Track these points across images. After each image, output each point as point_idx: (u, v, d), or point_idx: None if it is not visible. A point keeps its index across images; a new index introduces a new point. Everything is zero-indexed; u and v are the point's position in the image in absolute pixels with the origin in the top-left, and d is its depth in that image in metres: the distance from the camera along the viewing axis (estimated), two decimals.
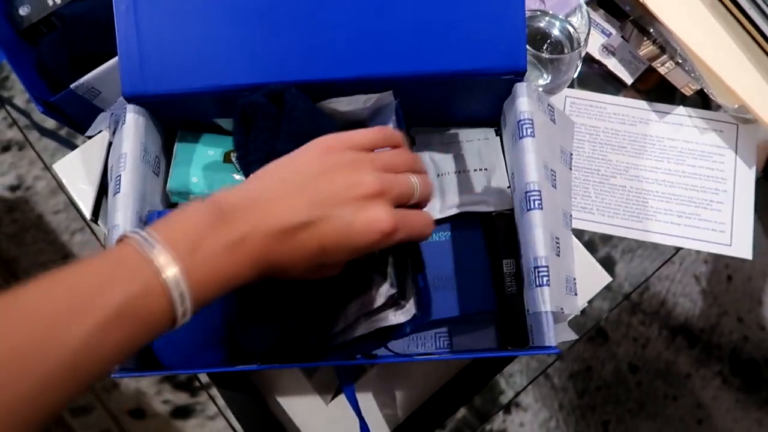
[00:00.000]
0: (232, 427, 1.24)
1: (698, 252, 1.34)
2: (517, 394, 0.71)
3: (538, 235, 0.43)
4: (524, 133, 0.45)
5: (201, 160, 0.53)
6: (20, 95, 1.35)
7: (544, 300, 0.42)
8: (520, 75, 0.46)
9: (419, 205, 0.38)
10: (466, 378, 0.53)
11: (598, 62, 0.67)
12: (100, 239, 0.61)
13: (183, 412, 1.23)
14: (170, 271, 0.29)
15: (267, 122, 0.43)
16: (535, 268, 0.43)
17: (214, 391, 1.28)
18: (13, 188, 1.37)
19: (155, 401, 1.24)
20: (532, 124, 0.45)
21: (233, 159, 0.53)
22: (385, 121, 0.48)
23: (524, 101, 0.46)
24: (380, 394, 0.52)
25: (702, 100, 0.65)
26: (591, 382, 1.28)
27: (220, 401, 1.26)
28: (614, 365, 1.29)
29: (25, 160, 1.39)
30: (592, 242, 0.62)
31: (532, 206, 0.44)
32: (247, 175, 0.44)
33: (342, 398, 0.52)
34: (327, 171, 0.34)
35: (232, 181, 0.52)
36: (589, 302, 1.33)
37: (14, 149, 1.39)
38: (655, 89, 0.66)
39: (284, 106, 0.43)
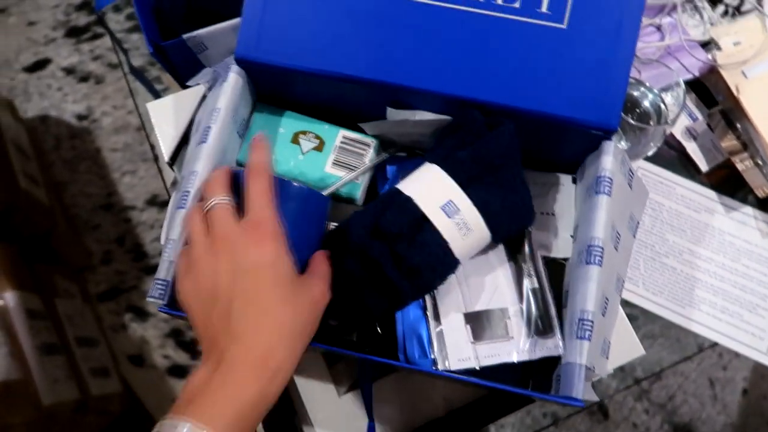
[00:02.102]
0: None
1: (720, 357, 1.32)
2: None
3: (591, 289, 0.44)
4: (601, 190, 0.46)
5: (272, 136, 0.54)
6: (127, 36, 1.39)
7: (582, 353, 0.43)
8: (609, 133, 0.47)
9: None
10: (478, 409, 0.53)
11: (678, 142, 0.68)
12: (166, 183, 0.63)
13: (179, 371, 1.25)
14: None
15: (467, 136, 0.46)
16: (580, 320, 0.44)
17: None
18: (81, 117, 1.42)
19: (156, 353, 1.27)
20: (611, 183, 0.46)
21: (300, 141, 0.54)
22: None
23: (609, 160, 0.46)
24: (391, 402, 0.53)
25: None
26: None
27: None
28: None
29: (99, 94, 1.44)
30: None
31: (591, 260, 0.45)
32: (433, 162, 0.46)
33: (354, 394, 0.53)
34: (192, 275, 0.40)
35: (296, 162, 0.53)
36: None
37: (91, 81, 1.45)
38: (727, 181, 0.66)
39: (492, 131, 0.46)
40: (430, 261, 0.43)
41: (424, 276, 0.43)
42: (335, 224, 0.48)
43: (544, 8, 0.46)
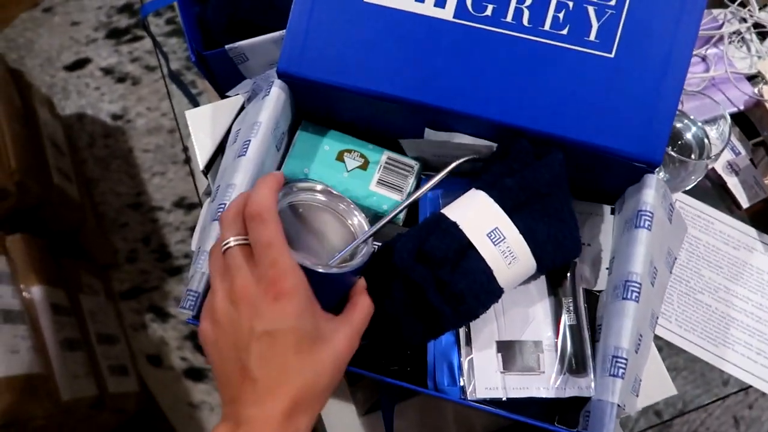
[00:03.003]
0: None
1: (746, 395, 1.28)
2: None
3: (626, 326, 0.43)
4: (641, 224, 0.45)
5: (316, 153, 0.54)
6: (166, 40, 1.42)
7: (614, 391, 0.42)
8: (652, 167, 0.46)
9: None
10: None
11: (719, 176, 0.66)
12: (199, 190, 0.64)
13: (196, 374, 1.25)
14: None
15: (515, 163, 0.46)
16: (614, 357, 0.43)
17: None
18: (116, 117, 1.45)
19: (174, 355, 1.27)
20: (652, 218, 0.45)
21: (345, 158, 0.54)
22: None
23: (650, 194, 0.45)
24: (412, 426, 0.52)
25: None
26: None
27: None
28: None
29: (134, 95, 1.47)
30: None
31: (628, 296, 0.43)
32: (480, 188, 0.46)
33: (375, 415, 0.53)
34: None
35: (340, 179, 0.53)
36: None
37: (128, 82, 1.47)
38: None
39: (541, 159, 0.45)
40: (474, 288, 0.42)
41: (467, 303, 0.42)
42: (378, 244, 0.48)
43: (592, 37, 0.45)
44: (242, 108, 0.57)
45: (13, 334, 0.93)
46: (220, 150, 0.59)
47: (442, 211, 0.45)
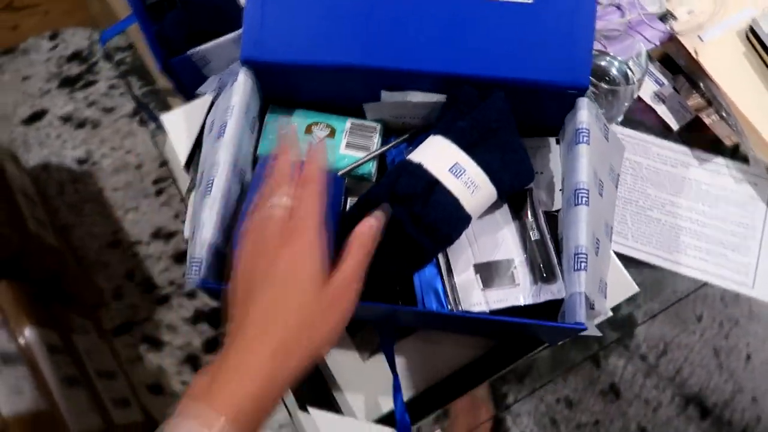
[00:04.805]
0: None
1: (720, 326, 1.36)
2: None
3: (581, 228, 0.49)
4: (580, 140, 0.51)
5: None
6: (120, 82, 1.44)
7: (580, 282, 0.47)
8: (582, 91, 0.53)
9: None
10: (493, 358, 0.57)
11: (649, 107, 0.73)
12: (181, 191, 0.68)
13: None
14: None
15: (464, 107, 0.52)
16: (575, 254, 0.48)
17: None
18: (81, 162, 1.47)
19: (174, 380, 1.29)
20: (589, 134, 0.51)
21: (313, 130, 0.60)
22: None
23: (584, 113, 0.52)
24: (411, 361, 0.57)
25: (741, 153, 0.71)
26: None
27: None
28: (623, 423, 1.29)
29: (96, 138, 1.50)
30: None
31: (579, 202, 0.50)
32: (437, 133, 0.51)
33: (377, 358, 0.57)
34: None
35: None
36: (605, 358, 1.35)
37: (88, 127, 1.50)
38: (697, 136, 0.72)
39: (485, 100, 0.51)
40: (445, 216, 0.48)
41: (441, 231, 0.48)
42: (354, 198, 0.53)
43: None
44: (212, 104, 0.62)
45: (14, 375, 0.94)
46: (197, 145, 0.63)
47: (407, 157, 0.51)
